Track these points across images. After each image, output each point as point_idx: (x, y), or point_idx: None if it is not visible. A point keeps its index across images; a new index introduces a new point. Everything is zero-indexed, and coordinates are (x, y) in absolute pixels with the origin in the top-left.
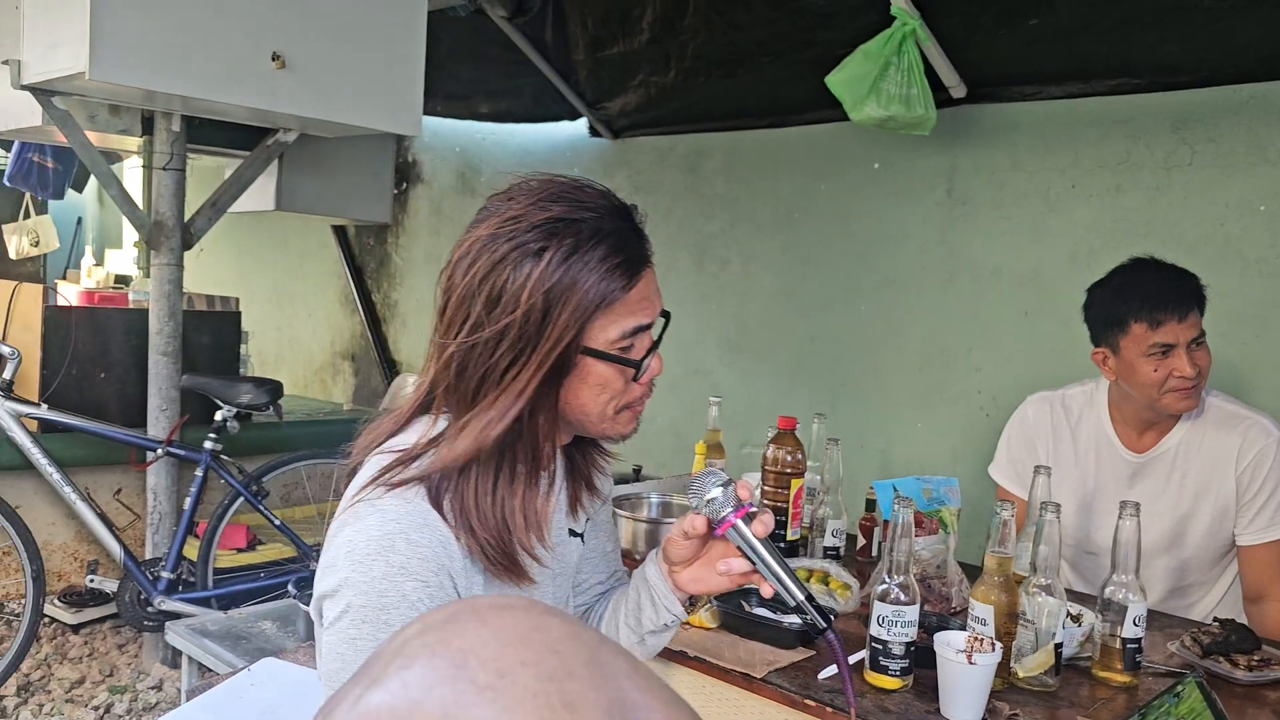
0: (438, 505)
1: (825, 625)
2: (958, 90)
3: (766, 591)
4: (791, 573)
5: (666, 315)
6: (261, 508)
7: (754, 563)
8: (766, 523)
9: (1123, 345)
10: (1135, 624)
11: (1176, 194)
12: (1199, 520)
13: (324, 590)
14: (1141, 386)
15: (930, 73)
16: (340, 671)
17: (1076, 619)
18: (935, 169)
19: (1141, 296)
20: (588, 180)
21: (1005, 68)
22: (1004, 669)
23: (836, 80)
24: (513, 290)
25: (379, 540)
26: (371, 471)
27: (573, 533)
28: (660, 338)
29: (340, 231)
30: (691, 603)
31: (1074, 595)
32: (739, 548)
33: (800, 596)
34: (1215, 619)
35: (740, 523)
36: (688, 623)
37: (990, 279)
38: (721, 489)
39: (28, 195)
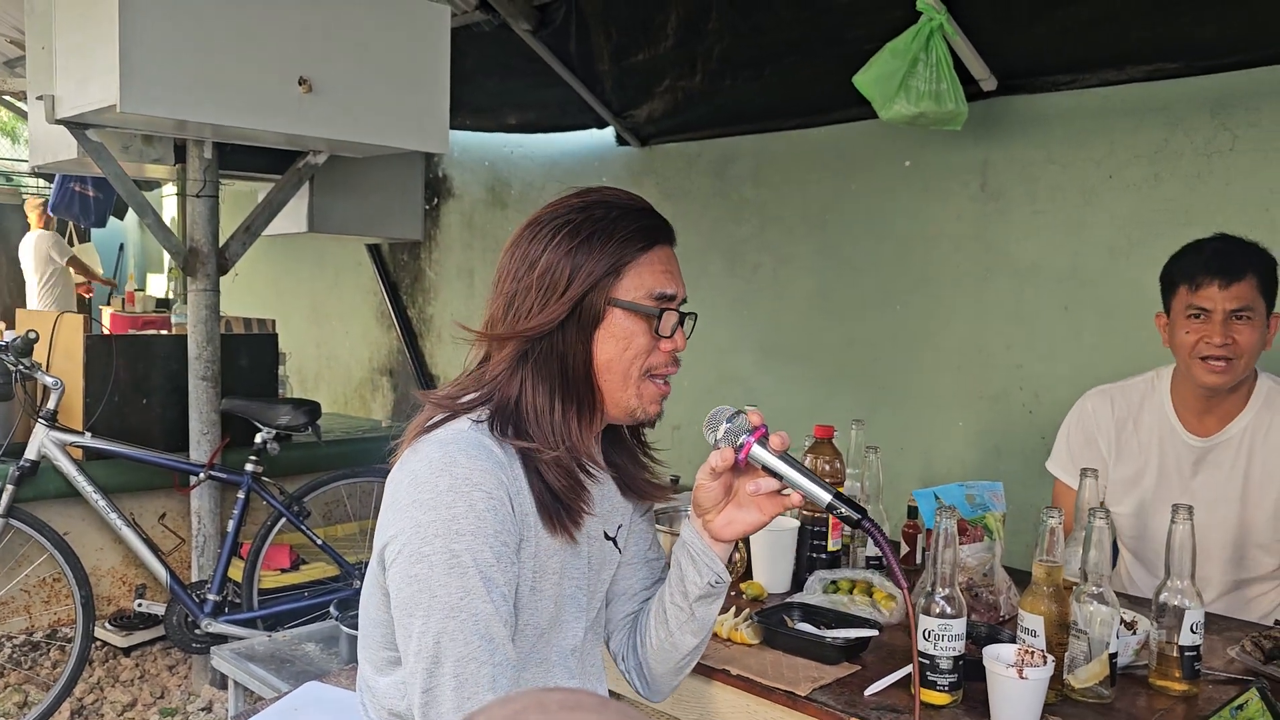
0: (501, 434)
1: (860, 517)
2: (988, 83)
3: (795, 501)
4: (816, 478)
5: (694, 315)
6: (304, 527)
7: (779, 477)
8: (783, 438)
9: (1172, 306)
10: (1193, 630)
11: (1218, 181)
12: (1264, 509)
13: (388, 532)
14: (1178, 349)
15: (959, 66)
16: (418, 594)
17: (1131, 626)
18: (968, 164)
19: (1193, 259)
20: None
21: (1036, 58)
22: (1057, 681)
23: (864, 79)
24: (550, 250)
25: (440, 460)
26: (428, 423)
27: (606, 535)
28: (684, 319)
29: (375, 248)
30: (730, 564)
31: (1128, 600)
32: (764, 468)
33: (829, 497)
34: (1277, 621)
35: (758, 444)
36: (730, 640)
37: (1028, 275)
38: (730, 420)
39: (71, 224)
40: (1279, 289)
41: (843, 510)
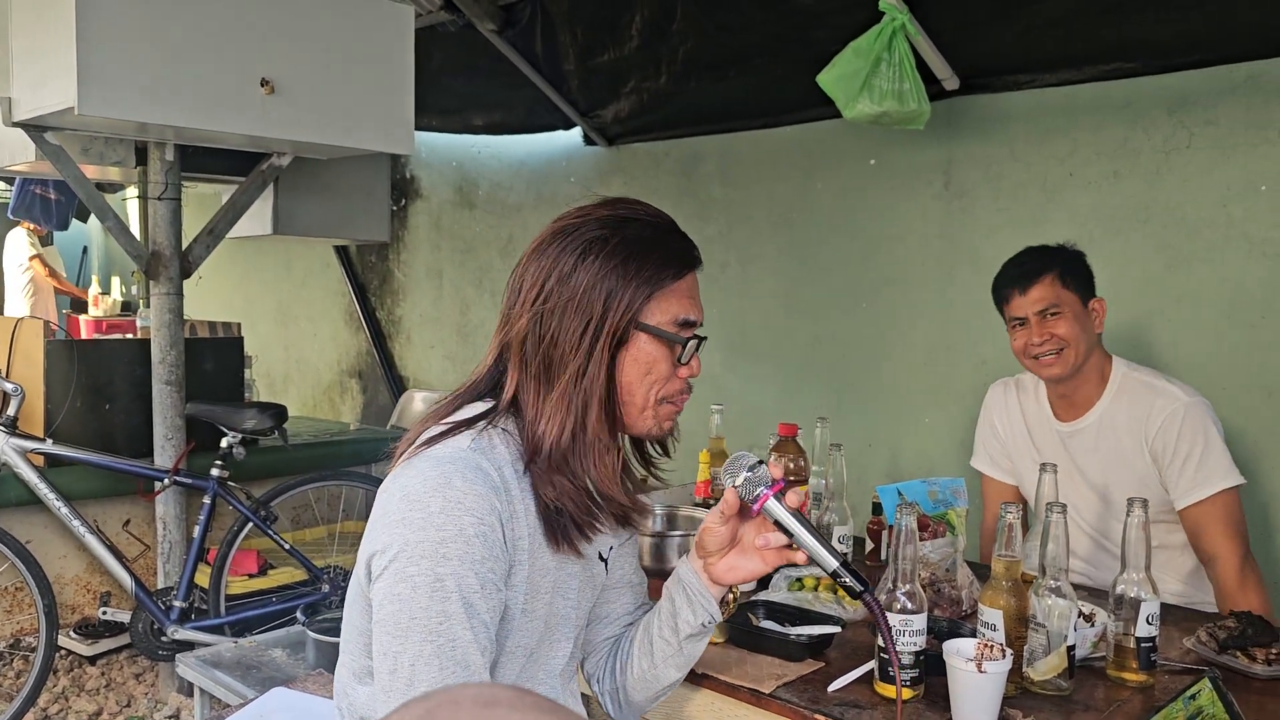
0: (530, 463)
1: (863, 588)
2: (950, 82)
3: (801, 559)
4: (826, 542)
5: (705, 339)
6: (271, 532)
7: (790, 534)
8: (800, 494)
9: (1005, 321)
10: (1149, 622)
11: (1176, 178)
12: (1120, 493)
13: (375, 545)
14: (1016, 355)
15: (922, 66)
16: (398, 615)
17: (1089, 619)
18: (932, 163)
19: (1000, 278)
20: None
21: (998, 57)
22: (1016, 674)
23: (828, 79)
24: (583, 268)
25: (435, 479)
26: (427, 435)
27: (600, 556)
28: (702, 341)
29: (342, 250)
30: (723, 604)
31: (1086, 593)
32: (775, 522)
33: (835, 564)
34: (1231, 612)
35: (774, 498)
36: None
37: (992, 271)
38: (751, 470)
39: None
40: (1092, 278)
41: (846, 580)
